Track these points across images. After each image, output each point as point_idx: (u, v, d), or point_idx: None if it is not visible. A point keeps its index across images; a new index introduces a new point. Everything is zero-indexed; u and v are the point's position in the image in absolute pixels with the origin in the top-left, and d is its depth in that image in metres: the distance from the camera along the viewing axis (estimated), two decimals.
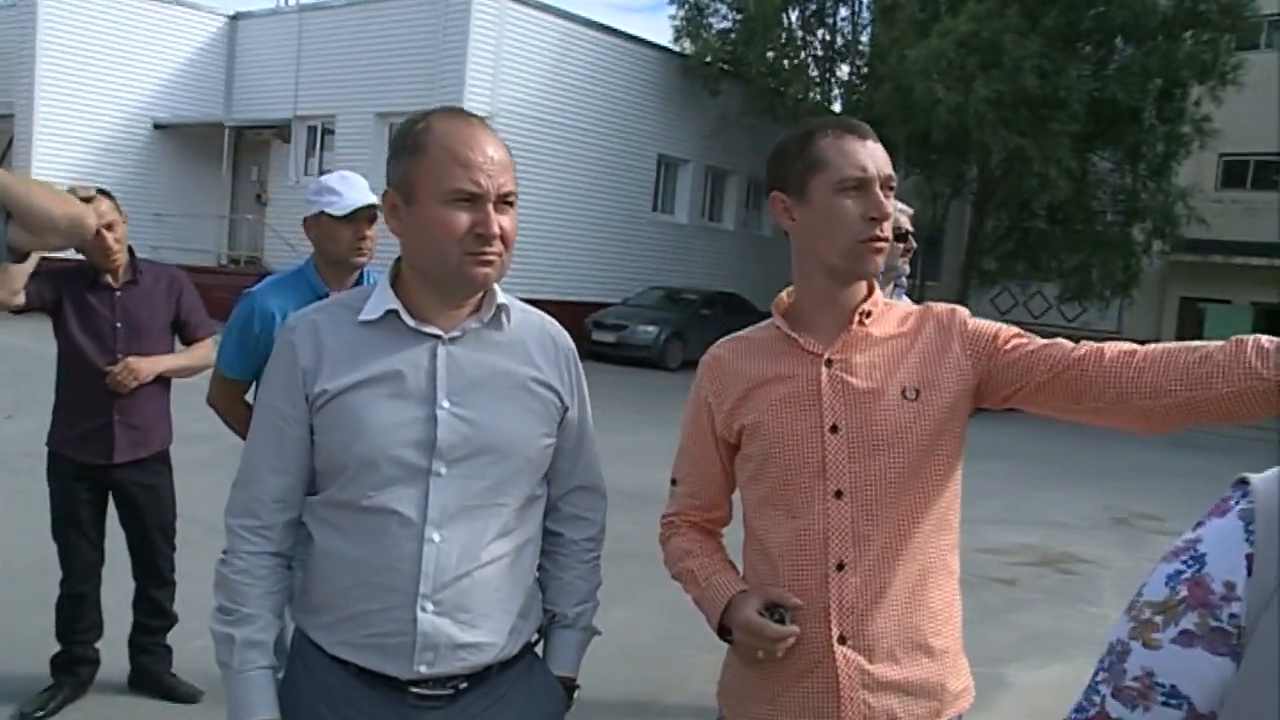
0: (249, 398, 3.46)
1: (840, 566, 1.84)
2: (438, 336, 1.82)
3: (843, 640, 1.83)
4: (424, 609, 1.77)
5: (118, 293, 4.09)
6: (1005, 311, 26.45)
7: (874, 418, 1.84)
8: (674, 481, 2.13)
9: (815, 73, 25.98)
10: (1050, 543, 8.65)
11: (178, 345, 4.33)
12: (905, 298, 4.01)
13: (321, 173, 24.61)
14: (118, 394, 4.04)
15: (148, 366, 4.09)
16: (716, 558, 2.03)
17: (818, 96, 25.43)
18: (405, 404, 1.79)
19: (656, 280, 24.02)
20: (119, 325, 4.08)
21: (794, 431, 1.87)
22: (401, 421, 1.78)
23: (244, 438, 3.45)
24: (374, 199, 3.32)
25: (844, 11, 25.86)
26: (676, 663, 5.17)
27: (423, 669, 1.79)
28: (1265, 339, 1.57)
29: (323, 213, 3.29)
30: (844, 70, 26.44)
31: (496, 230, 1.75)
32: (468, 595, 1.80)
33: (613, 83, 23.65)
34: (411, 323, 1.82)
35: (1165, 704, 1.04)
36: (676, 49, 25.27)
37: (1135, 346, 1.72)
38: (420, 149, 1.76)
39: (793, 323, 1.95)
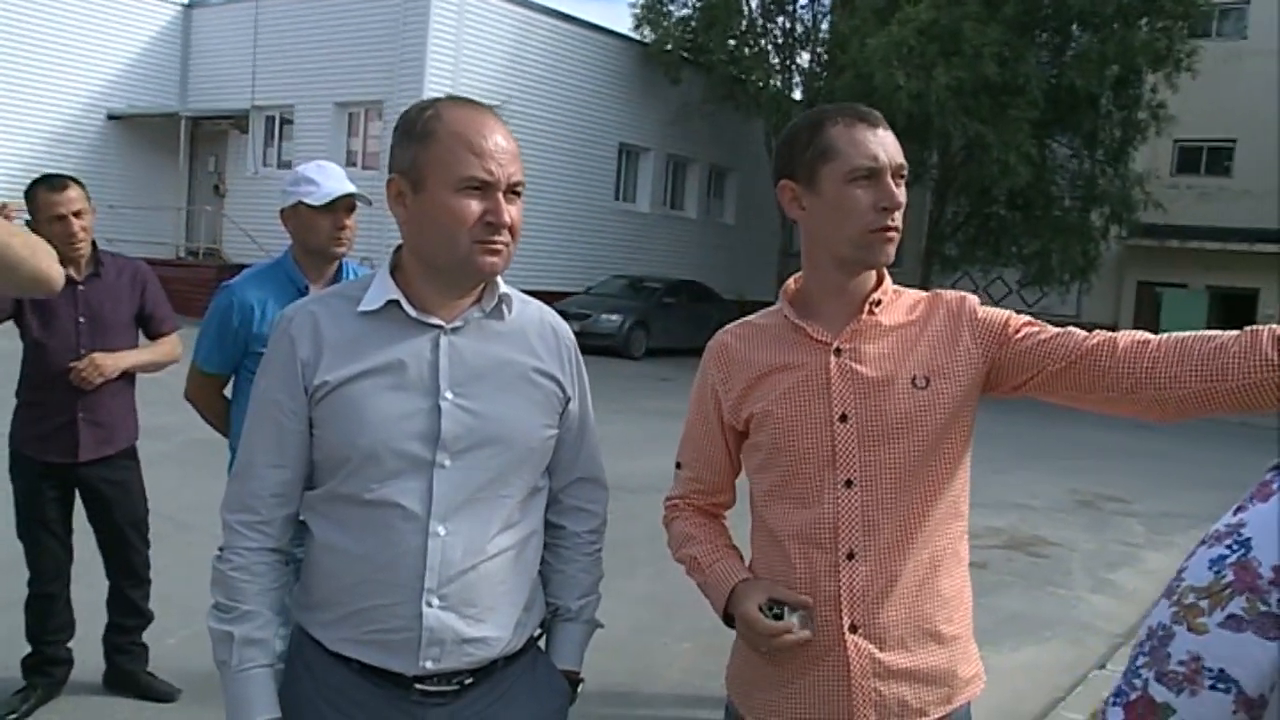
0: (227, 392, 3.42)
1: (850, 555, 1.83)
2: (439, 327, 1.80)
3: (854, 629, 1.83)
4: (430, 604, 1.75)
5: (80, 286, 3.98)
6: None
7: (884, 407, 1.83)
8: (678, 465, 2.11)
9: (776, 60, 26.01)
10: (1018, 525, 8.74)
11: (142, 340, 4.24)
12: None
13: (281, 163, 24.46)
14: (82, 390, 3.94)
15: (113, 362, 3.98)
16: (720, 543, 2.02)
17: (778, 84, 25.48)
18: (408, 395, 1.76)
19: (619, 269, 24.02)
20: (82, 320, 3.97)
21: (803, 421, 1.86)
22: (405, 413, 1.75)
23: (222, 433, 3.45)
24: (351, 188, 3.27)
25: None
26: (655, 652, 5.17)
27: (429, 665, 1.76)
28: None
29: (300, 203, 3.23)
30: (804, 58, 26.50)
31: (507, 219, 1.74)
32: (474, 589, 1.77)
33: (573, 71, 23.60)
34: (413, 313, 1.79)
35: (1213, 688, 1.04)
36: (637, 37, 25.23)
37: (1149, 336, 1.72)
38: (430, 136, 1.73)
39: (801, 311, 1.93)
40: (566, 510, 2.03)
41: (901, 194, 1.83)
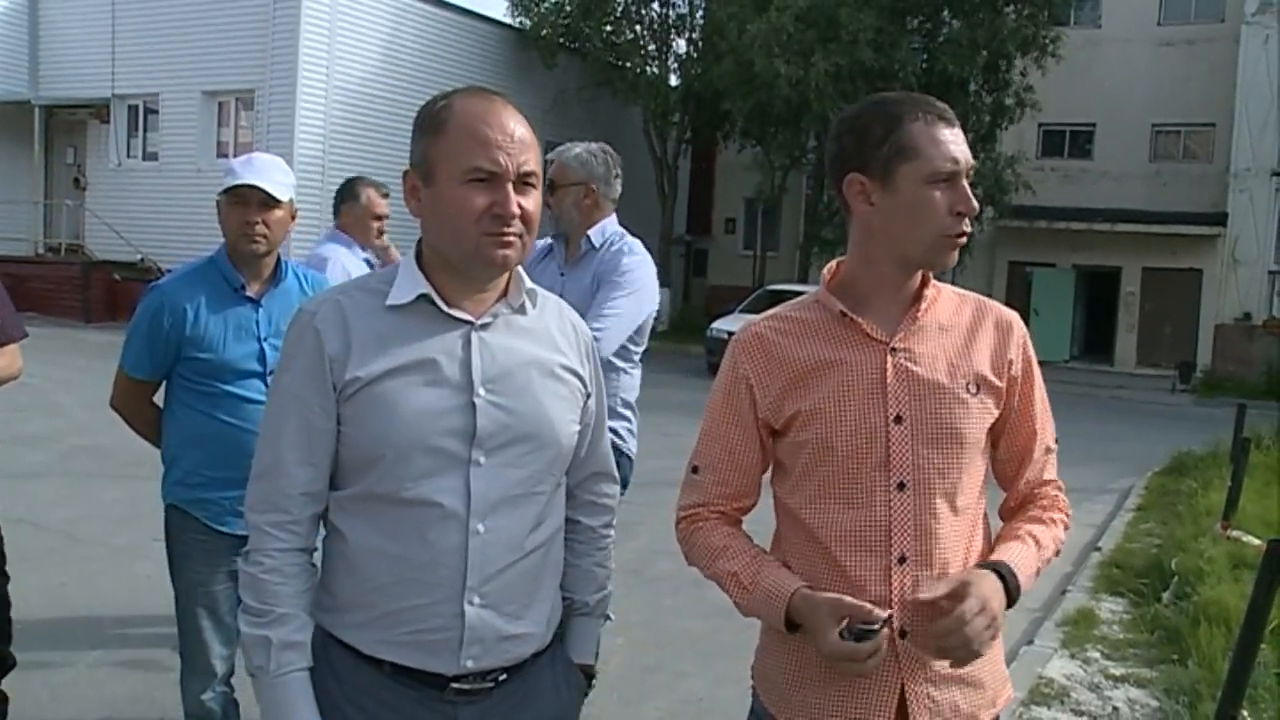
0: (158, 399, 3.19)
1: (902, 559, 1.79)
2: (469, 322, 1.78)
3: (903, 634, 1.78)
4: (471, 602, 1.74)
5: None
6: None
7: (939, 410, 1.81)
8: (694, 469, 1.99)
9: (652, 46, 26.05)
10: None
11: None
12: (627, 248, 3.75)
13: (146, 155, 23.29)
14: None
15: None
16: (755, 552, 1.92)
17: (655, 70, 25.52)
18: (441, 392, 1.74)
19: None
20: None
21: (856, 421, 1.80)
22: (440, 410, 1.73)
23: (152, 442, 3.23)
24: (262, 183, 2.99)
25: None
26: None
27: (469, 664, 1.76)
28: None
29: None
30: (681, 44, 26.60)
31: (515, 210, 1.71)
32: (512, 586, 1.78)
33: (449, 58, 23.23)
34: (444, 307, 1.76)
35: None
36: (512, 23, 24.96)
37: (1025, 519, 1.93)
38: (440, 127, 1.73)
39: (849, 304, 1.86)
40: (582, 505, 2.03)
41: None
